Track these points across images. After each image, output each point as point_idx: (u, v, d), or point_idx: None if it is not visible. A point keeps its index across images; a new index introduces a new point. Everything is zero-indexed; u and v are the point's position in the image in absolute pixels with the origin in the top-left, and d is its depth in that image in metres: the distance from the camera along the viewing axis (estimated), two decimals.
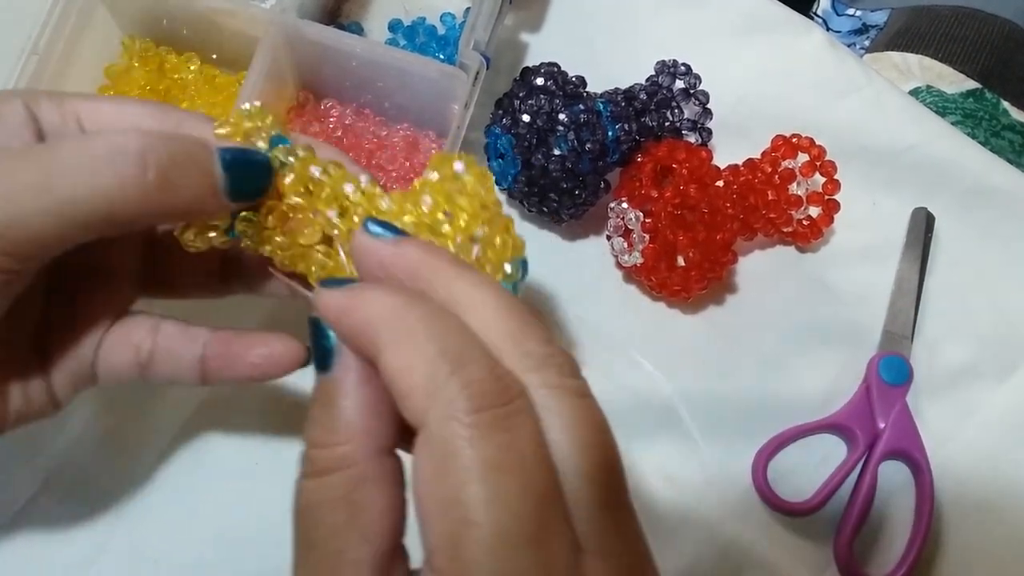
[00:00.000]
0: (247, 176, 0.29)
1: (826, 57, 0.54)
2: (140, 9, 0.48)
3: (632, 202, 0.46)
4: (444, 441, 0.21)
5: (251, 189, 0.30)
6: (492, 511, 0.20)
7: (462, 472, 0.21)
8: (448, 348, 0.22)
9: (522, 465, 0.21)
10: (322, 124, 0.49)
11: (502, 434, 0.21)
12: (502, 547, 0.20)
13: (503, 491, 0.20)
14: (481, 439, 0.21)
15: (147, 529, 0.42)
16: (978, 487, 0.47)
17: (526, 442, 0.21)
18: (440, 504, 0.21)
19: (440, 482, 0.21)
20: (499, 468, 0.21)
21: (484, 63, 0.44)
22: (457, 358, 0.22)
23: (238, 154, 0.29)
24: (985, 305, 0.50)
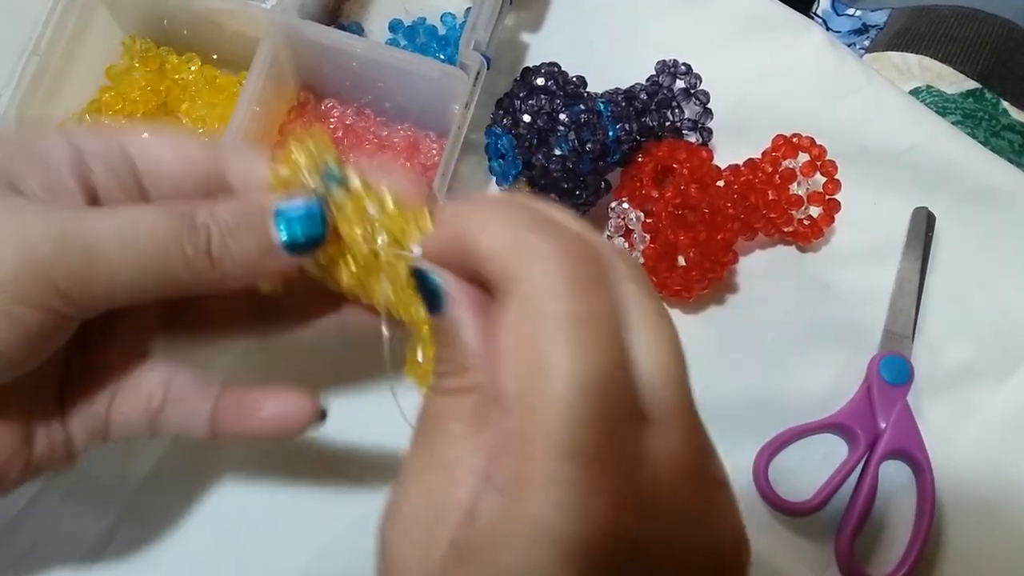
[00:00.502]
0: (304, 234, 0.29)
1: (826, 57, 0.54)
2: (141, 9, 0.48)
3: (633, 202, 0.46)
4: (535, 292, 0.22)
5: (310, 244, 0.30)
6: (570, 359, 0.21)
7: (549, 321, 0.22)
8: (540, 221, 0.24)
9: (601, 325, 0.22)
10: (322, 124, 0.49)
11: (589, 294, 0.22)
12: (574, 393, 0.21)
13: (583, 343, 0.21)
14: (570, 294, 0.22)
15: (148, 529, 0.42)
16: (979, 487, 0.47)
17: (608, 307, 0.23)
18: (522, 349, 0.22)
19: (524, 329, 0.22)
20: (582, 323, 0.22)
21: (485, 63, 0.44)
22: (550, 227, 0.23)
23: (294, 214, 0.29)
24: (986, 305, 0.50)
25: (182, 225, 0.28)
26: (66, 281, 0.27)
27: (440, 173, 0.43)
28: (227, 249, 0.29)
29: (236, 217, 0.29)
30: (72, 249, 0.27)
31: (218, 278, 0.29)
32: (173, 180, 0.32)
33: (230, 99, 0.48)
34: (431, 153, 0.48)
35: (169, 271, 0.28)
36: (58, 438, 0.32)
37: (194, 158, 0.32)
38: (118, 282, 0.27)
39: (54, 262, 0.26)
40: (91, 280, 0.27)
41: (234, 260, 0.29)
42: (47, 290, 0.27)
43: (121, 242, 0.27)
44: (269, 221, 0.29)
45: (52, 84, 0.44)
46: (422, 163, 0.48)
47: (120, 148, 0.31)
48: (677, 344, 0.24)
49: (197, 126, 0.48)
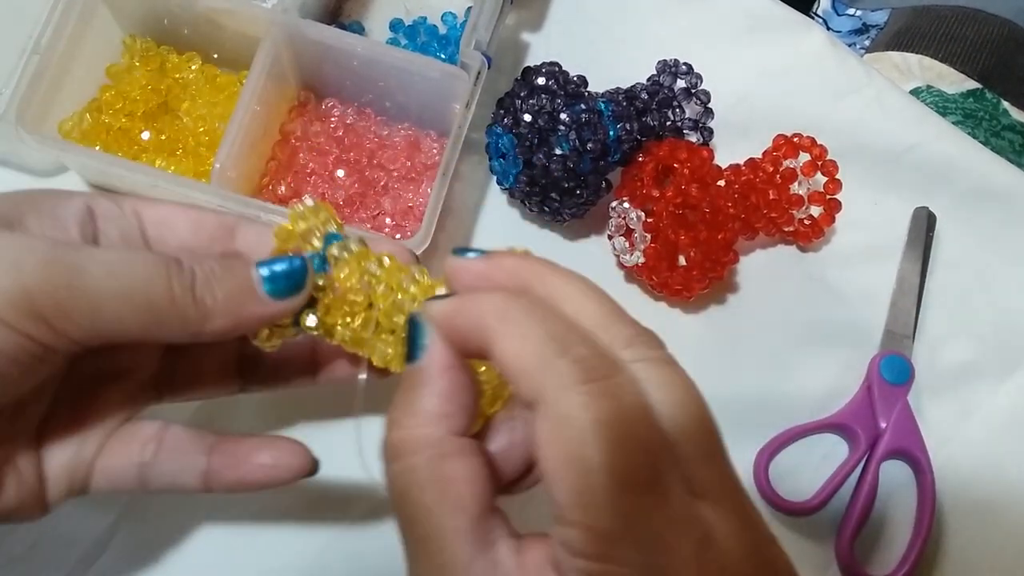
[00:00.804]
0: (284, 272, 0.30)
1: (827, 57, 0.54)
2: (141, 8, 0.47)
3: (633, 202, 0.46)
4: (561, 409, 0.23)
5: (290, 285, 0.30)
6: (610, 459, 0.23)
7: (580, 431, 0.23)
8: (554, 332, 0.25)
9: (630, 421, 0.24)
10: (323, 123, 0.49)
11: (610, 399, 0.24)
12: (624, 489, 0.23)
13: (617, 442, 0.23)
14: (594, 403, 0.23)
15: (148, 529, 0.42)
16: (979, 486, 0.47)
17: (631, 403, 0.24)
18: (564, 462, 0.23)
19: (562, 444, 0.23)
20: (611, 424, 0.23)
21: (485, 63, 0.44)
22: (563, 340, 0.25)
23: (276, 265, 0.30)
24: (986, 304, 0.50)
25: (168, 262, 0.29)
26: (51, 307, 0.27)
27: (441, 173, 0.43)
28: (210, 289, 0.29)
29: (220, 265, 0.30)
30: (58, 276, 0.27)
31: (201, 317, 0.29)
32: (180, 241, 0.33)
33: (230, 98, 0.48)
34: (432, 152, 0.48)
35: (153, 305, 0.28)
36: (31, 488, 0.31)
37: (203, 223, 0.33)
38: (102, 313, 0.28)
39: (40, 287, 0.26)
40: (75, 308, 0.27)
41: (216, 300, 0.29)
42: (30, 315, 0.26)
43: (107, 272, 0.27)
44: (252, 269, 0.30)
45: (52, 83, 0.44)
46: (423, 162, 0.48)
47: (133, 213, 0.33)
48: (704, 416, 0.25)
49: (198, 125, 0.48)
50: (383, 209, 0.47)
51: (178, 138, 0.48)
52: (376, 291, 0.31)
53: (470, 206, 0.50)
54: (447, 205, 0.48)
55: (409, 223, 0.47)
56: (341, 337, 0.32)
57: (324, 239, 0.32)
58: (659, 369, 0.25)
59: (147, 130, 0.47)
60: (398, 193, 0.48)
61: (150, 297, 0.28)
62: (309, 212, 0.32)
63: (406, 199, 0.48)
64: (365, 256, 0.32)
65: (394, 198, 0.48)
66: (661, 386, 0.25)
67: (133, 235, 0.33)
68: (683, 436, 0.24)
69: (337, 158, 0.48)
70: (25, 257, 0.27)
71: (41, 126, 0.45)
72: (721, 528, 0.24)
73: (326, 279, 0.31)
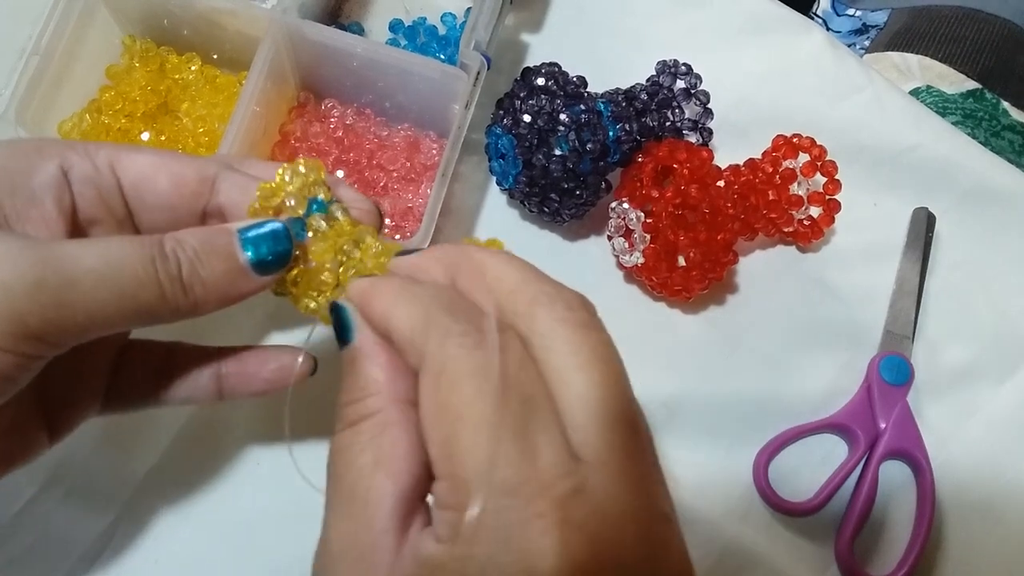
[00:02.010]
0: (271, 252, 0.30)
1: (827, 57, 0.54)
2: (141, 9, 0.47)
3: (633, 202, 0.46)
4: (438, 360, 0.24)
5: (277, 262, 0.31)
6: (477, 405, 0.23)
7: (453, 380, 0.23)
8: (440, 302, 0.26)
9: (507, 370, 0.24)
10: (323, 124, 0.49)
11: (486, 351, 0.24)
12: (489, 436, 0.22)
13: (487, 390, 0.23)
14: (470, 353, 0.24)
15: (148, 528, 0.42)
16: (979, 487, 0.47)
17: (510, 356, 0.24)
18: (436, 413, 0.24)
19: (435, 394, 0.24)
20: (484, 375, 0.23)
21: (485, 63, 0.44)
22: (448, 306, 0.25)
23: (259, 233, 0.30)
24: (986, 305, 0.50)
25: (154, 256, 0.28)
26: (43, 326, 0.26)
27: (440, 173, 0.43)
28: (197, 275, 0.29)
29: (203, 243, 0.29)
30: (49, 294, 0.26)
31: (191, 305, 0.29)
32: (160, 200, 0.32)
33: (230, 99, 0.48)
34: (431, 153, 0.48)
35: (144, 305, 0.28)
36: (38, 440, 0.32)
37: (183, 179, 0.32)
38: (94, 321, 0.27)
39: (32, 309, 0.26)
40: (67, 322, 0.27)
41: (205, 285, 0.29)
42: (23, 336, 0.26)
43: (96, 281, 0.27)
44: (235, 243, 0.30)
45: (52, 84, 0.44)
46: (422, 163, 0.48)
47: (109, 169, 0.31)
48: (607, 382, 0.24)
49: (197, 126, 0.48)
50: (383, 210, 0.47)
51: (178, 139, 0.48)
52: (346, 273, 0.31)
53: (470, 207, 0.50)
54: (447, 206, 0.48)
55: (409, 224, 0.47)
56: (304, 308, 0.32)
57: (307, 204, 0.31)
58: (570, 330, 0.25)
59: (147, 131, 0.47)
60: (398, 194, 0.48)
61: (140, 299, 0.28)
62: (299, 166, 0.32)
63: (406, 200, 0.48)
64: (344, 233, 0.31)
65: (394, 199, 0.48)
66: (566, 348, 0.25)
67: (111, 197, 0.32)
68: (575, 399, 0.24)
69: (337, 159, 0.48)
70: (14, 279, 0.26)
71: (41, 127, 0.45)
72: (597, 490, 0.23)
73: (300, 249, 0.31)
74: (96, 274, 0.27)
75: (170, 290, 0.28)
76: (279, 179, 0.32)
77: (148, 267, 0.28)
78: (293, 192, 0.31)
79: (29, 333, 0.26)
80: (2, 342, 0.26)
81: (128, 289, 0.27)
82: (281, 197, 0.31)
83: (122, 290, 0.27)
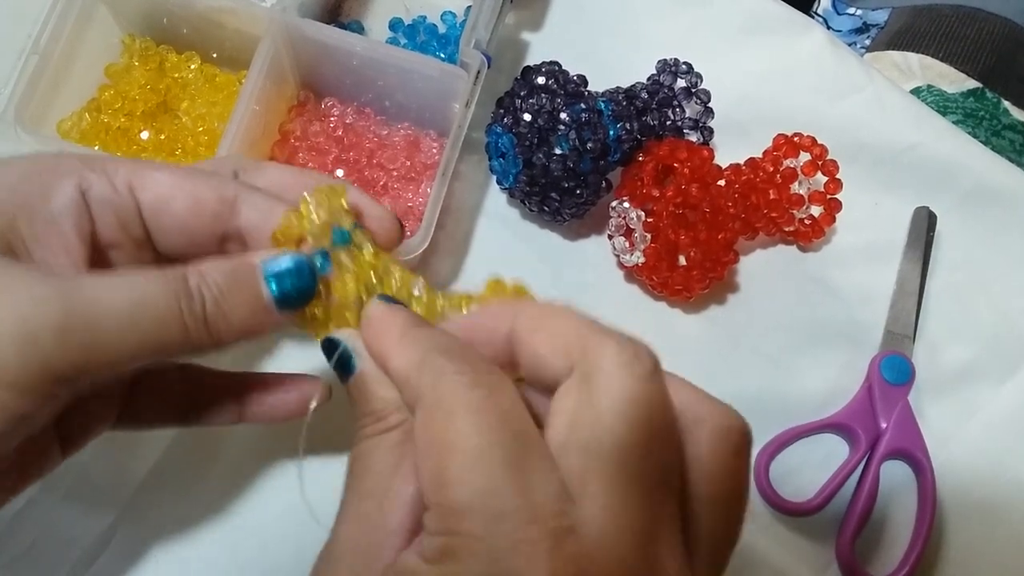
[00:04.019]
0: (295, 288, 0.30)
1: (827, 56, 0.54)
2: (140, 8, 0.47)
3: (634, 201, 0.46)
4: (433, 396, 0.24)
5: (301, 298, 0.30)
6: (471, 438, 0.23)
7: (446, 414, 0.24)
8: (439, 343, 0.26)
9: (501, 408, 0.24)
10: (323, 123, 0.49)
11: (484, 388, 0.24)
12: (481, 467, 0.22)
13: (483, 424, 0.23)
14: (464, 390, 0.24)
15: (148, 528, 0.42)
16: (980, 487, 0.47)
17: (506, 394, 0.24)
18: (429, 445, 0.24)
19: (429, 428, 0.24)
20: (479, 409, 0.23)
21: (485, 62, 0.44)
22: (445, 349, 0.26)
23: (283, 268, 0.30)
24: (987, 304, 0.50)
25: (179, 294, 0.28)
26: (70, 371, 0.26)
27: (440, 172, 0.43)
28: (221, 312, 0.29)
29: (227, 278, 0.29)
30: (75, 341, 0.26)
31: (213, 342, 0.29)
32: (179, 223, 0.31)
33: (230, 98, 0.48)
34: (431, 152, 0.48)
35: (168, 344, 0.28)
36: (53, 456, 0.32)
37: (202, 201, 0.31)
38: (116, 361, 0.27)
39: (59, 355, 0.26)
40: (92, 365, 0.27)
41: (229, 323, 0.29)
42: (51, 381, 0.26)
43: (121, 325, 0.27)
44: (259, 279, 0.29)
45: (52, 83, 0.44)
46: (422, 162, 0.48)
47: (127, 191, 0.31)
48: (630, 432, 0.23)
49: (197, 125, 0.47)
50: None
51: (177, 138, 0.47)
52: None
53: (470, 206, 0.50)
54: (447, 205, 0.48)
55: (409, 223, 0.47)
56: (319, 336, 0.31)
57: (332, 234, 0.31)
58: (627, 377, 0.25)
59: (146, 130, 0.47)
60: (398, 193, 0.48)
61: (163, 338, 0.28)
62: (324, 195, 0.31)
63: (406, 199, 0.48)
64: (368, 267, 0.31)
65: (394, 198, 0.47)
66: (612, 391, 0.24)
67: (129, 220, 0.31)
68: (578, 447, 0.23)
69: (336, 158, 0.48)
70: (41, 326, 0.26)
71: (40, 126, 0.45)
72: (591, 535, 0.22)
73: (324, 283, 0.31)
74: (121, 317, 0.27)
75: (194, 329, 0.28)
76: (303, 211, 0.31)
77: (173, 307, 0.28)
78: (317, 225, 0.31)
79: (54, 377, 0.26)
80: (29, 386, 0.26)
81: (152, 330, 0.27)
82: (306, 229, 0.31)
83: (146, 331, 0.27)
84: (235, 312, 0.29)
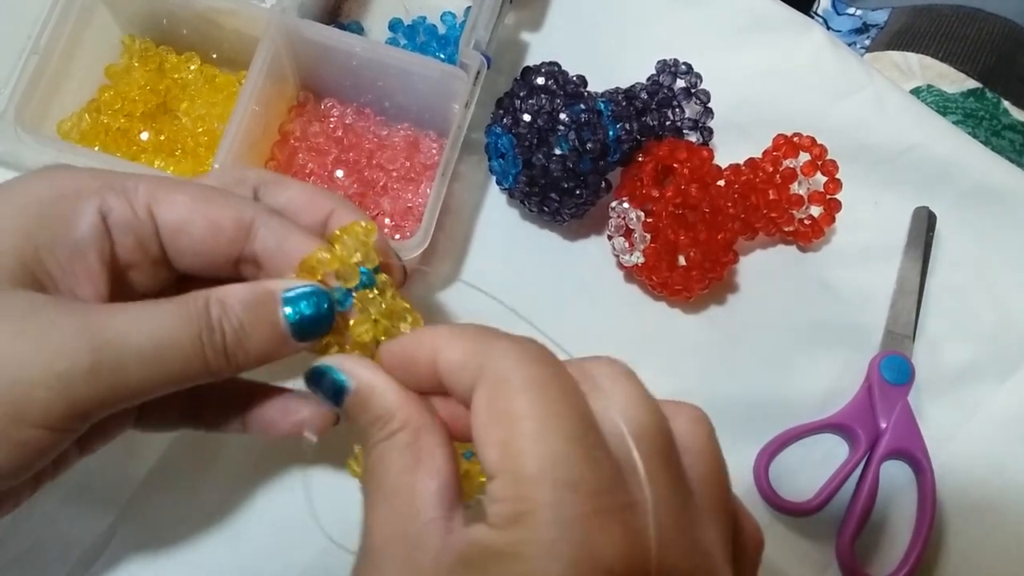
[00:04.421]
0: (312, 320, 0.30)
1: (827, 56, 0.54)
2: (140, 8, 0.47)
3: (633, 202, 0.46)
4: (497, 371, 0.25)
5: (318, 330, 0.31)
6: (537, 411, 0.24)
7: (512, 388, 0.24)
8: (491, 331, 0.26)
9: (562, 384, 0.24)
10: (322, 124, 0.49)
11: (545, 365, 0.25)
12: (550, 438, 0.23)
13: (548, 397, 0.24)
14: (528, 366, 0.25)
15: (149, 528, 0.42)
16: (980, 487, 0.47)
17: (564, 372, 0.25)
18: (494, 417, 0.24)
19: (493, 401, 0.24)
20: (543, 384, 0.24)
21: (485, 62, 0.44)
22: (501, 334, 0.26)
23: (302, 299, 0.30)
24: (987, 304, 0.50)
25: (201, 327, 0.28)
26: (96, 408, 0.27)
27: (440, 173, 0.43)
28: (241, 345, 0.29)
29: (248, 310, 0.29)
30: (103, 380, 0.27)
31: (232, 371, 0.30)
32: (196, 246, 0.32)
33: (229, 98, 0.48)
34: (431, 152, 0.48)
35: (187, 374, 0.29)
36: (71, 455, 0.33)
37: (220, 225, 0.31)
38: (137, 394, 0.28)
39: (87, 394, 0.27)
40: (116, 401, 0.28)
41: (247, 352, 0.29)
42: (74, 416, 0.27)
43: (145, 363, 0.27)
44: (279, 310, 0.30)
45: (51, 83, 0.44)
46: (422, 163, 0.48)
47: (147, 213, 0.31)
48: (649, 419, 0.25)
49: (197, 125, 0.47)
50: (382, 209, 0.47)
51: (177, 138, 0.48)
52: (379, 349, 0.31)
53: (470, 206, 0.50)
54: (446, 205, 0.48)
55: (408, 223, 0.47)
56: None
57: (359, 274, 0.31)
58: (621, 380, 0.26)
59: (146, 130, 0.47)
60: (397, 193, 0.48)
61: (185, 371, 0.28)
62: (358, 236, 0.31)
63: (405, 199, 0.48)
64: (387, 316, 0.31)
65: (393, 198, 0.48)
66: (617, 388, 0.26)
67: (148, 242, 0.31)
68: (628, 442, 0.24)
69: (336, 158, 0.48)
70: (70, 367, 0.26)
71: (40, 126, 0.45)
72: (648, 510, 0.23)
73: (342, 318, 0.31)
74: (146, 356, 0.27)
75: (214, 360, 0.29)
76: (338, 251, 0.31)
77: (195, 342, 0.28)
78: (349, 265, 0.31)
79: (81, 414, 0.27)
80: (55, 424, 0.27)
81: (176, 365, 0.28)
82: (336, 268, 0.31)
83: (169, 367, 0.28)
84: (254, 342, 0.29)
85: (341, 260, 0.31)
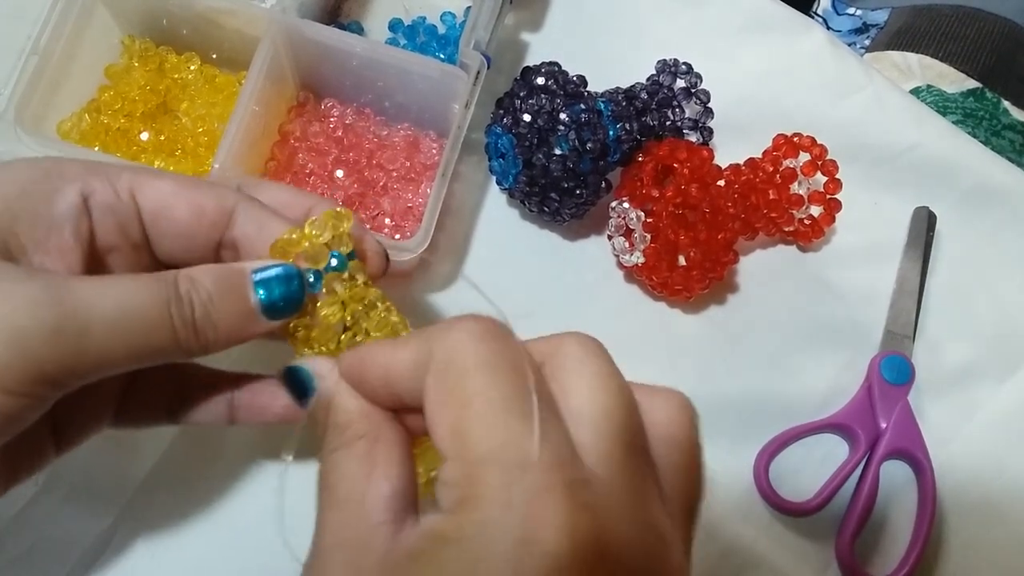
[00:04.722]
0: (283, 297, 0.30)
1: (827, 56, 0.54)
2: (140, 9, 0.47)
3: (633, 201, 0.46)
4: (446, 353, 0.24)
5: (288, 308, 0.31)
6: (487, 391, 0.23)
7: (461, 369, 0.24)
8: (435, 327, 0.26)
9: (512, 362, 0.24)
10: (322, 124, 0.49)
11: (494, 343, 0.24)
12: (500, 419, 0.23)
13: (497, 377, 0.23)
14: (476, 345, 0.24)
15: (148, 528, 0.42)
16: (980, 487, 0.47)
17: (516, 349, 0.24)
18: (444, 400, 0.24)
19: (443, 384, 0.24)
20: (493, 364, 0.24)
21: (485, 62, 0.44)
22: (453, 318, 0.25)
23: (272, 276, 0.30)
24: (987, 304, 0.50)
25: (169, 300, 0.28)
26: (59, 373, 0.27)
27: (440, 173, 0.43)
28: (209, 319, 0.29)
29: (217, 285, 0.29)
30: (66, 343, 0.26)
31: (202, 347, 0.29)
32: (178, 229, 0.32)
33: (229, 98, 0.48)
34: (431, 153, 0.48)
35: (156, 349, 0.28)
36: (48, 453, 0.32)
37: (202, 209, 0.32)
38: (108, 364, 0.28)
39: (50, 357, 0.26)
40: (82, 368, 0.27)
41: (217, 329, 0.29)
42: (40, 382, 0.27)
43: (111, 329, 0.27)
44: (248, 286, 0.30)
45: (51, 83, 0.44)
46: (422, 163, 0.48)
47: (129, 196, 0.31)
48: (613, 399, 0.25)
49: (197, 126, 0.47)
50: (382, 209, 0.47)
51: (177, 139, 0.48)
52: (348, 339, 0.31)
53: (470, 206, 0.50)
54: (447, 205, 0.48)
55: (408, 223, 0.47)
56: (299, 353, 0.32)
57: (330, 258, 0.31)
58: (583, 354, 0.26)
59: (146, 131, 0.47)
60: (397, 193, 0.48)
61: (152, 343, 0.28)
62: (330, 218, 0.31)
63: (405, 199, 0.48)
64: (357, 299, 0.31)
65: (393, 198, 0.48)
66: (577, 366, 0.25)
67: (129, 225, 0.32)
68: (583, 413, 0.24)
69: (336, 158, 0.48)
70: (34, 327, 0.26)
71: (40, 126, 0.45)
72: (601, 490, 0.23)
73: (311, 301, 0.31)
74: (111, 321, 0.27)
75: (183, 333, 0.29)
76: (307, 230, 0.31)
77: (163, 312, 0.28)
78: (318, 246, 0.31)
79: (44, 378, 0.27)
80: (17, 387, 0.26)
81: (141, 335, 0.28)
82: (304, 247, 0.31)
83: (135, 336, 0.28)
84: (223, 319, 0.29)
85: (310, 239, 0.31)
